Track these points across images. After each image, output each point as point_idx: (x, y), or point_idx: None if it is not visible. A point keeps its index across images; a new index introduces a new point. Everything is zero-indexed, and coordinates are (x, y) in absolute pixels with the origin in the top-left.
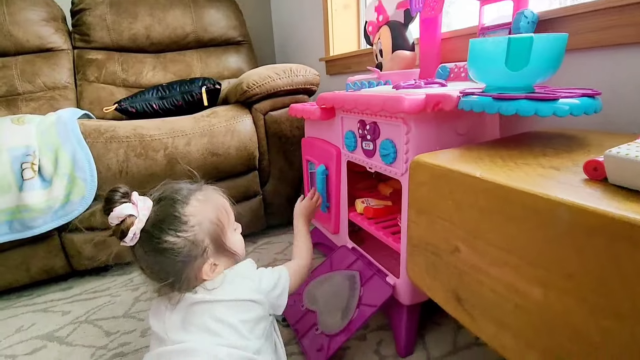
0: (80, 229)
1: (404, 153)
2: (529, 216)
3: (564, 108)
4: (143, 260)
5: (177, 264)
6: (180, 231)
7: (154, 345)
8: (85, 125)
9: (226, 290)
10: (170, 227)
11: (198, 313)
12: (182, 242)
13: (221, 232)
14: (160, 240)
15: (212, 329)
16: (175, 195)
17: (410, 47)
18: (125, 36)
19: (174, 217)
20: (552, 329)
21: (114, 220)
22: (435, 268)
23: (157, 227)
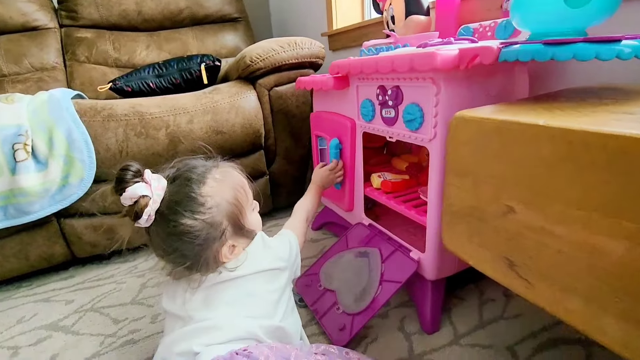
0: (88, 213)
1: (433, 117)
2: (613, 162)
3: (627, 50)
4: (158, 243)
5: (194, 247)
6: (198, 213)
7: (172, 327)
8: (80, 103)
9: (249, 265)
10: (186, 208)
11: (222, 290)
12: (199, 224)
13: (239, 213)
14: (176, 223)
15: (238, 304)
16: (191, 174)
17: (425, 11)
18: (115, 12)
19: (191, 198)
20: (637, 288)
21: (127, 201)
22: (481, 234)
23: (173, 209)
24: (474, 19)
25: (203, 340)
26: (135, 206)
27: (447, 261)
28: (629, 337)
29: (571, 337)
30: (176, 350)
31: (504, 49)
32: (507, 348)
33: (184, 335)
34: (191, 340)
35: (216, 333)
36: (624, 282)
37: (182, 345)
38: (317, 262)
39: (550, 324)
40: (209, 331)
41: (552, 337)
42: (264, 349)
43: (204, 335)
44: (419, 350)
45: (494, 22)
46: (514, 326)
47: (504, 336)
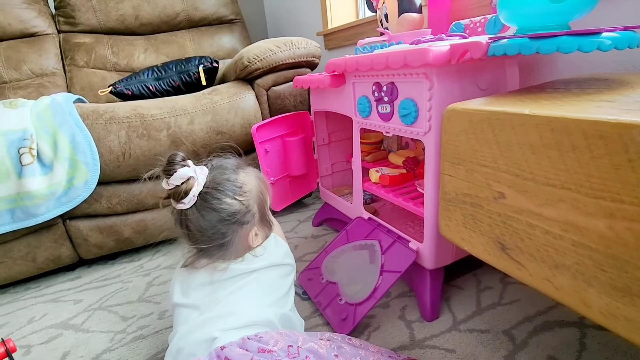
0: (94, 215)
1: (427, 110)
2: (592, 145)
3: (607, 42)
4: (196, 223)
5: (231, 226)
6: (238, 195)
7: (186, 319)
8: (82, 107)
9: (267, 258)
10: (228, 190)
11: (239, 282)
12: (238, 205)
13: (265, 204)
14: (220, 201)
15: (255, 294)
16: (227, 164)
17: (417, 9)
18: (113, 17)
19: (230, 181)
20: (619, 261)
21: (177, 181)
22: (475, 219)
23: (216, 189)
24: (466, 15)
25: (221, 326)
26: (184, 186)
27: (445, 250)
28: (609, 307)
29: (566, 320)
30: (194, 338)
31: (493, 44)
32: (504, 332)
33: (202, 323)
34: (210, 326)
35: (233, 318)
36: (607, 256)
37: (200, 333)
38: (318, 256)
39: (545, 308)
40: (227, 317)
41: (547, 320)
42: (273, 334)
43: (221, 321)
44: (420, 336)
45: (484, 18)
46: (510, 311)
47: (501, 321)
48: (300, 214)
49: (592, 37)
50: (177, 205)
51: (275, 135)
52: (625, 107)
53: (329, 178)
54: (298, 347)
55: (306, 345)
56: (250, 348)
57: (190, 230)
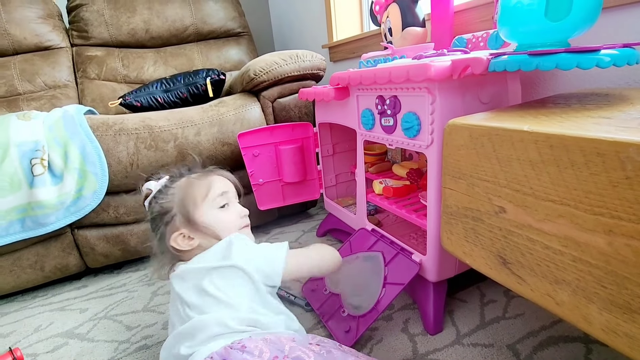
0: (101, 224)
1: (429, 124)
2: (590, 163)
3: (606, 59)
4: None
5: (159, 225)
6: (159, 199)
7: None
8: (92, 119)
9: (201, 260)
10: (155, 195)
11: (186, 283)
12: (157, 207)
13: (191, 205)
14: (150, 205)
15: (206, 299)
16: (174, 172)
17: (420, 23)
18: (124, 31)
19: (161, 189)
20: (619, 277)
21: (142, 193)
22: (476, 233)
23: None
24: (468, 29)
25: (188, 343)
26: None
27: (448, 263)
28: (609, 323)
29: (571, 335)
30: (173, 353)
31: (493, 60)
32: (508, 347)
33: (172, 341)
34: (179, 344)
35: (197, 334)
36: (607, 272)
37: (168, 352)
38: None
39: (550, 323)
40: (191, 333)
41: (552, 335)
42: (258, 342)
43: (187, 337)
44: (423, 350)
45: (485, 33)
46: (514, 326)
47: (505, 335)
48: (304, 224)
49: (591, 55)
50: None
51: (266, 142)
52: (623, 124)
53: (333, 189)
54: (284, 357)
55: (293, 355)
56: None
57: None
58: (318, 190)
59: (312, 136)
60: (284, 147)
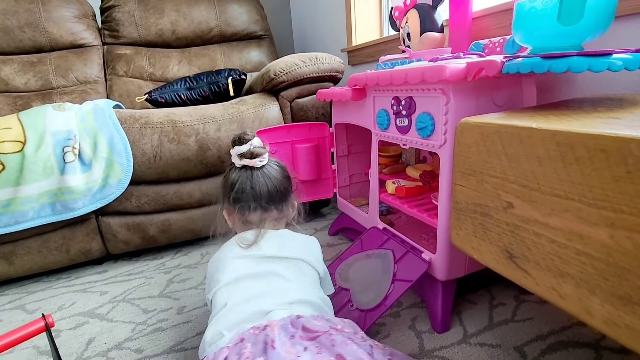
0: (124, 212)
1: (443, 124)
2: (594, 158)
3: (618, 63)
4: (264, 180)
5: (289, 185)
6: (283, 167)
7: (235, 292)
8: (120, 112)
9: (304, 252)
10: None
11: (282, 263)
12: (285, 170)
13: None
14: (278, 163)
15: (298, 275)
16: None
17: (439, 29)
18: (153, 31)
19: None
20: (620, 270)
21: (257, 142)
22: (484, 229)
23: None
24: (485, 35)
25: (273, 300)
26: (261, 149)
27: (457, 262)
28: (611, 315)
29: (581, 340)
30: (245, 309)
31: (507, 63)
32: (515, 348)
33: (256, 296)
34: (263, 300)
35: (283, 295)
36: (609, 264)
37: (253, 305)
38: (332, 263)
39: (559, 328)
40: (277, 293)
41: (560, 340)
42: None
43: (273, 296)
44: (429, 347)
45: (502, 39)
46: (523, 329)
47: (513, 337)
48: (317, 223)
49: (603, 58)
50: (255, 162)
51: (283, 140)
52: (630, 124)
53: (347, 189)
54: (362, 336)
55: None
56: (323, 324)
57: (254, 189)
58: (332, 189)
59: (328, 136)
60: (300, 145)
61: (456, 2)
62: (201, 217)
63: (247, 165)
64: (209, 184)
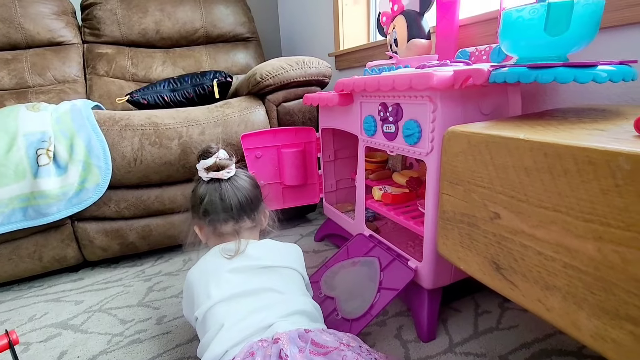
0: (101, 217)
1: (430, 132)
2: (582, 170)
3: (603, 75)
4: (233, 191)
5: (259, 194)
6: (250, 177)
7: (233, 309)
8: (99, 113)
9: (287, 259)
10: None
11: (274, 272)
12: (254, 180)
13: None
14: (246, 174)
15: (291, 283)
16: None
17: (426, 35)
18: (135, 31)
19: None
20: (608, 284)
21: (223, 155)
22: (471, 239)
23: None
24: (472, 43)
25: (275, 312)
26: (228, 161)
27: (443, 270)
28: (598, 329)
29: (564, 349)
30: (247, 325)
31: (494, 72)
32: (500, 357)
33: (255, 310)
34: (265, 313)
35: (283, 306)
36: (596, 278)
37: (254, 319)
38: (318, 270)
39: (543, 336)
40: (277, 305)
41: (544, 348)
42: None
43: (273, 308)
44: (415, 356)
45: (489, 47)
46: (508, 337)
47: (498, 346)
48: (302, 229)
49: (588, 69)
50: (222, 174)
51: (269, 144)
52: (615, 136)
53: (333, 194)
54: (367, 348)
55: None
56: (332, 339)
57: (224, 201)
58: (318, 194)
59: (315, 141)
60: (287, 150)
61: (443, 10)
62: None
63: (215, 177)
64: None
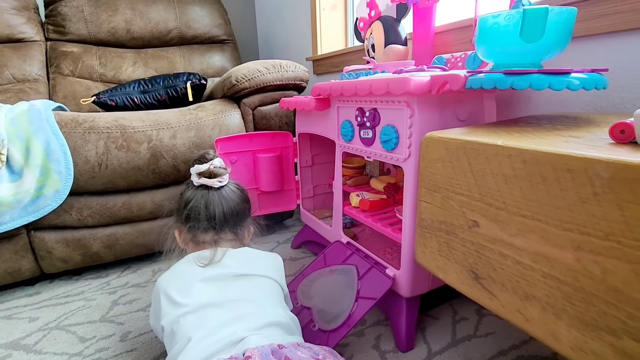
0: (61, 226)
1: (407, 137)
2: (561, 178)
3: (576, 82)
4: (221, 202)
5: (247, 208)
6: (240, 189)
7: (201, 321)
8: (61, 115)
9: (266, 268)
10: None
11: (250, 281)
12: (244, 193)
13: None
14: (238, 186)
15: (267, 294)
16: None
17: (402, 42)
18: (104, 29)
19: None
20: (587, 294)
21: (218, 163)
22: (450, 247)
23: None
24: (448, 50)
25: (245, 326)
26: (222, 170)
27: (422, 278)
28: (577, 341)
29: (539, 355)
30: (217, 340)
31: (470, 77)
32: None
33: (224, 324)
34: (235, 326)
35: (254, 318)
36: (575, 288)
37: (224, 333)
38: (294, 279)
39: (519, 342)
40: (248, 317)
41: (521, 355)
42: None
43: (244, 320)
44: None
45: (464, 54)
46: (485, 344)
47: (476, 354)
48: (279, 236)
49: (562, 77)
50: (213, 182)
51: (245, 149)
52: (591, 143)
53: (310, 200)
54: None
55: None
56: (307, 355)
57: (208, 210)
58: (295, 201)
59: (292, 146)
60: (263, 155)
61: (420, 16)
62: (153, 231)
63: (205, 184)
64: (162, 195)
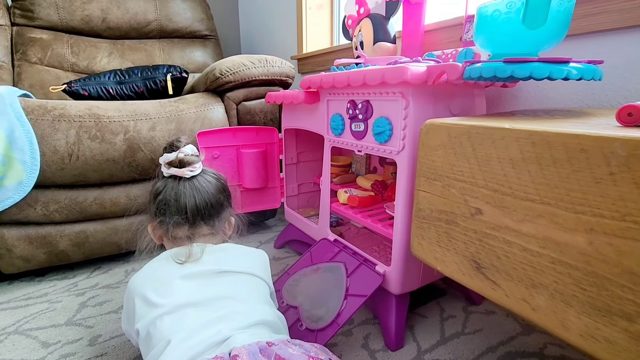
0: (18, 222)
1: (401, 129)
2: (573, 159)
3: (574, 72)
4: (194, 193)
5: (225, 199)
6: (219, 178)
7: (180, 321)
8: (27, 101)
9: (250, 265)
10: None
11: (230, 277)
12: (221, 182)
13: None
14: (215, 174)
15: (251, 291)
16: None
17: (391, 39)
18: (78, 17)
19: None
20: (600, 278)
21: (189, 150)
22: (450, 237)
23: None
24: (437, 48)
25: (230, 325)
26: (194, 157)
27: (412, 274)
28: (588, 328)
29: (527, 351)
30: (200, 340)
31: (468, 67)
32: None
33: (207, 323)
34: (219, 325)
35: (241, 317)
36: (587, 273)
37: (207, 333)
38: (279, 278)
39: (507, 338)
40: (234, 315)
41: (509, 351)
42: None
43: (229, 319)
44: None
45: (455, 50)
46: (474, 341)
47: (465, 351)
48: (261, 235)
49: (562, 65)
50: (184, 172)
51: (228, 144)
52: (599, 125)
53: (295, 199)
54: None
55: None
56: (299, 352)
57: (178, 202)
58: (279, 199)
59: (277, 142)
60: (247, 150)
61: (409, 14)
62: (127, 228)
63: (175, 174)
64: (138, 190)
